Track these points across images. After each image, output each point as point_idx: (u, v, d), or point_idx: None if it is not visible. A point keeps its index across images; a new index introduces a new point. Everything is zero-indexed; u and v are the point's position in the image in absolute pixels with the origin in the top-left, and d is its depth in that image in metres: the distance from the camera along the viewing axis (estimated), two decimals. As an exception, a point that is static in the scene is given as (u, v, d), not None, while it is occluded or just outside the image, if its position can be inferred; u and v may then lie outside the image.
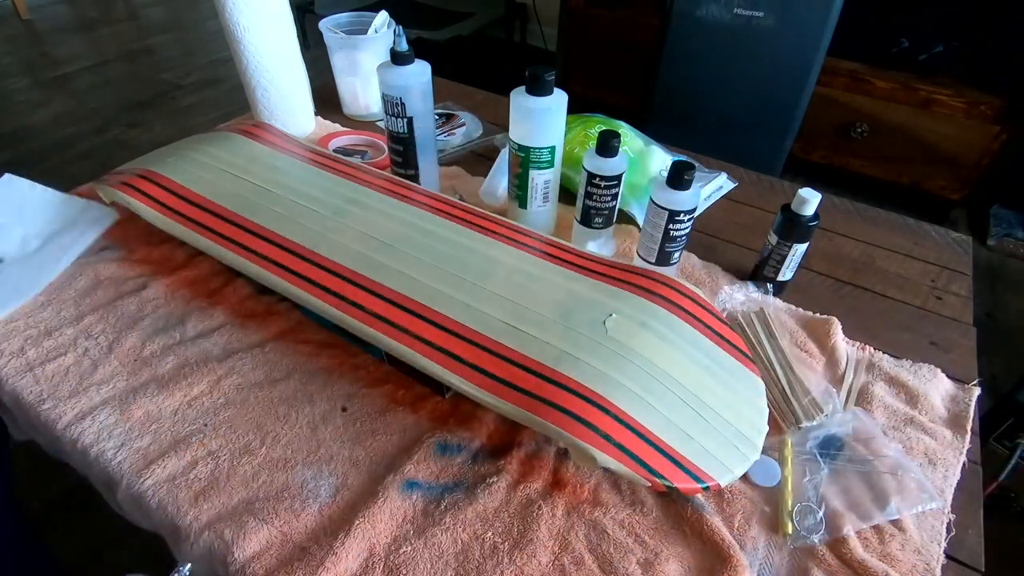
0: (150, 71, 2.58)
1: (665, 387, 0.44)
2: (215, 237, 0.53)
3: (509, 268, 0.52)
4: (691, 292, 0.53)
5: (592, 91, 2.13)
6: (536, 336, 0.46)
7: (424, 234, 0.55)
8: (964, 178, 1.70)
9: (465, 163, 0.82)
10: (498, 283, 0.50)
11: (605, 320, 0.47)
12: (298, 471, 0.45)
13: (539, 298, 0.49)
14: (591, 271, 0.53)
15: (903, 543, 0.42)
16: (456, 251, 0.53)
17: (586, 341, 0.46)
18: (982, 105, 1.59)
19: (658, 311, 0.49)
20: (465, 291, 0.49)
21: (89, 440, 0.46)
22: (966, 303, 0.64)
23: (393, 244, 0.53)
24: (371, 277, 0.50)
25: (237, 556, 0.40)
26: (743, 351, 0.51)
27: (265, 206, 0.55)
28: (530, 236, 0.57)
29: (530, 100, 0.58)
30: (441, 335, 0.46)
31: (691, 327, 0.49)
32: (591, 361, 0.44)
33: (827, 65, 1.12)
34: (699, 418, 0.43)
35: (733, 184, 0.81)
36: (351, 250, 0.52)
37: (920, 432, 0.50)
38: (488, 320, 0.47)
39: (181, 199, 0.56)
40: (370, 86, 0.88)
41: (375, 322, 0.47)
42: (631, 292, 0.50)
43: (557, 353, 0.45)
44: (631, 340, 0.46)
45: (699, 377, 0.46)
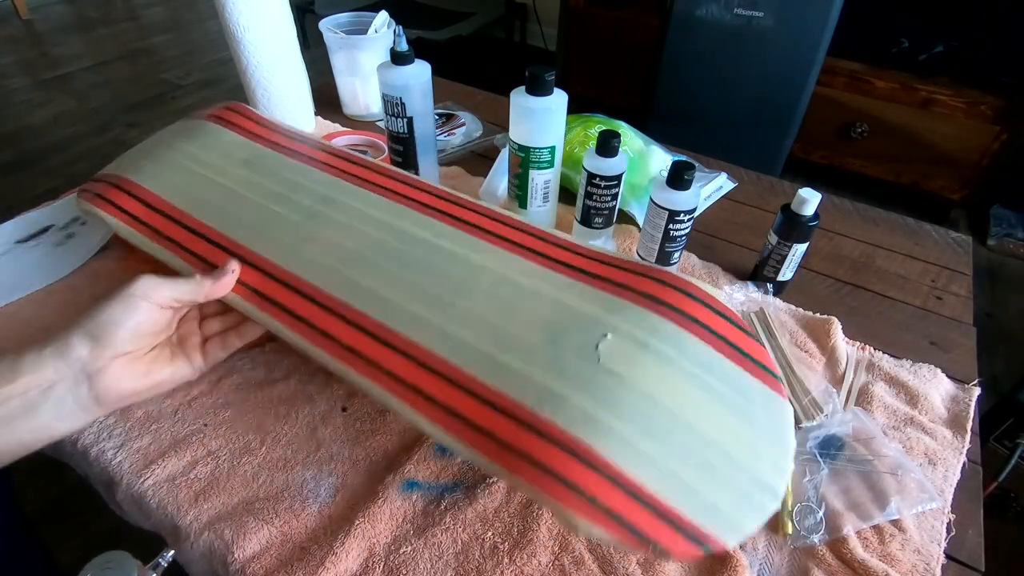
0: (150, 71, 2.58)
1: (667, 428, 0.37)
2: (187, 256, 0.49)
3: (494, 278, 0.45)
4: (704, 295, 0.44)
5: (592, 91, 2.13)
6: (518, 369, 0.39)
7: (402, 238, 0.49)
8: (964, 178, 1.70)
9: (465, 163, 0.82)
10: (480, 299, 0.44)
11: (598, 343, 0.40)
12: (298, 471, 0.45)
13: (525, 316, 0.42)
14: (588, 273, 0.46)
15: (903, 543, 0.42)
16: (436, 258, 0.47)
17: (574, 372, 0.38)
18: (982, 105, 1.59)
19: (663, 326, 0.41)
20: (442, 312, 0.43)
21: (89, 440, 0.46)
22: (966, 303, 0.64)
23: (367, 255, 0.47)
24: (341, 299, 0.44)
25: (237, 556, 0.40)
26: (767, 367, 0.42)
27: (237, 215, 0.51)
28: (521, 230, 0.50)
29: (530, 100, 0.58)
30: (414, 370, 0.40)
31: (703, 343, 0.41)
32: (579, 400, 0.37)
33: (827, 65, 1.12)
34: (707, 464, 0.36)
35: (733, 184, 0.81)
36: (322, 265, 0.47)
37: (920, 432, 0.50)
38: (466, 349, 0.40)
39: (154, 211, 0.52)
40: (370, 86, 0.88)
41: (344, 354, 0.41)
42: (632, 301, 0.43)
43: (540, 391, 0.38)
44: (628, 368, 0.39)
45: (710, 410, 0.38)
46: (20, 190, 1.85)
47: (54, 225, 0.66)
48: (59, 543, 0.98)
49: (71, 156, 2.03)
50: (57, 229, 0.65)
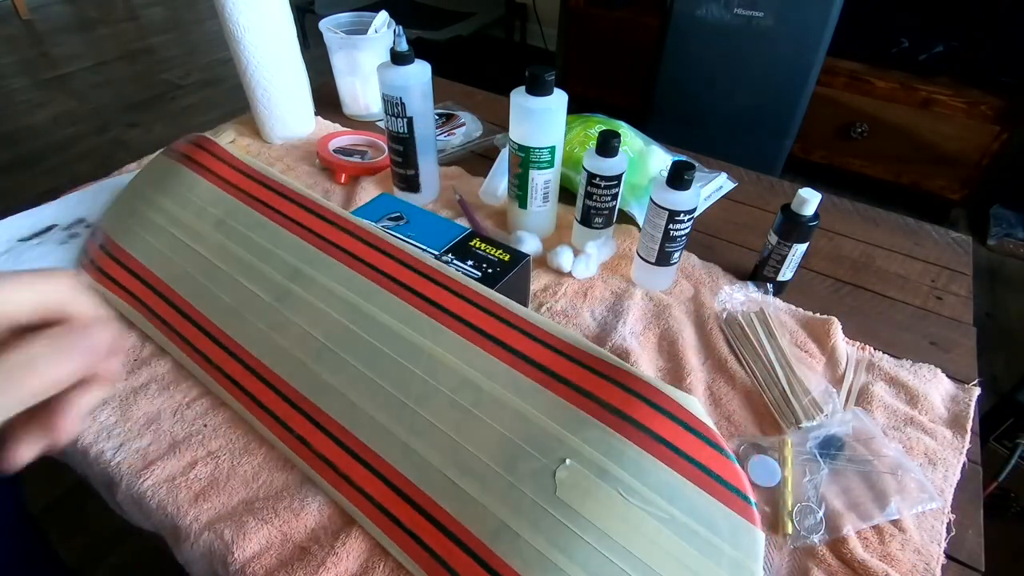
0: (150, 71, 2.58)
1: (622, 570, 0.36)
2: (172, 335, 0.52)
3: (456, 380, 0.44)
4: (676, 408, 0.41)
5: (592, 91, 2.13)
6: (476, 498, 0.40)
7: (366, 325, 0.48)
8: (964, 178, 1.70)
9: (465, 163, 0.82)
10: (441, 408, 0.44)
11: (556, 470, 0.39)
12: (297, 471, 0.45)
13: (484, 432, 0.42)
14: (555, 376, 0.44)
15: (903, 543, 0.42)
16: (400, 352, 0.47)
17: (529, 507, 0.39)
18: (982, 105, 1.59)
19: (624, 450, 0.40)
20: (405, 424, 0.44)
21: (88, 440, 0.46)
22: (966, 303, 0.64)
23: (334, 348, 0.48)
24: (313, 401, 0.46)
25: (237, 556, 0.40)
26: (739, 491, 0.39)
27: (213, 292, 0.53)
28: (491, 312, 0.48)
29: (530, 100, 0.58)
30: (383, 491, 0.42)
31: (668, 469, 0.39)
32: (532, 539, 0.38)
33: (827, 65, 1.12)
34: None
35: (733, 184, 0.81)
36: (293, 360, 0.48)
37: (920, 432, 0.50)
38: (427, 469, 0.42)
39: (142, 283, 0.55)
40: (370, 86, 0.88)
41: (320, 465, 0.44)
42: (596, 417, 0.41)
43: (496, 525, 0.39)
44: (582, 501, 0.38)
45: (668, 547, 0.37)
46: (20, 190, 1.85)
47: (57, 225, 0.66)
48: (62, 542, 0.99)
49: (71, 156, 2.03)
50: (60, 229, 0.65)
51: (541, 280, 0.63)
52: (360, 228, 0.54)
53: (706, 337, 0.58)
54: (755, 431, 0.50)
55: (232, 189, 0.60)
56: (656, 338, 0.57)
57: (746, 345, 0.56)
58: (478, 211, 0.72)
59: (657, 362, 0.55)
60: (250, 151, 0.82)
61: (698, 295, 0.62)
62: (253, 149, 0.83)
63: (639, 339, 0.57)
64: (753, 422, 0.50)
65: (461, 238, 0.57)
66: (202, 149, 0.64)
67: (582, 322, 0.58)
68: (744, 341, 0.56)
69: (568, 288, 0.62)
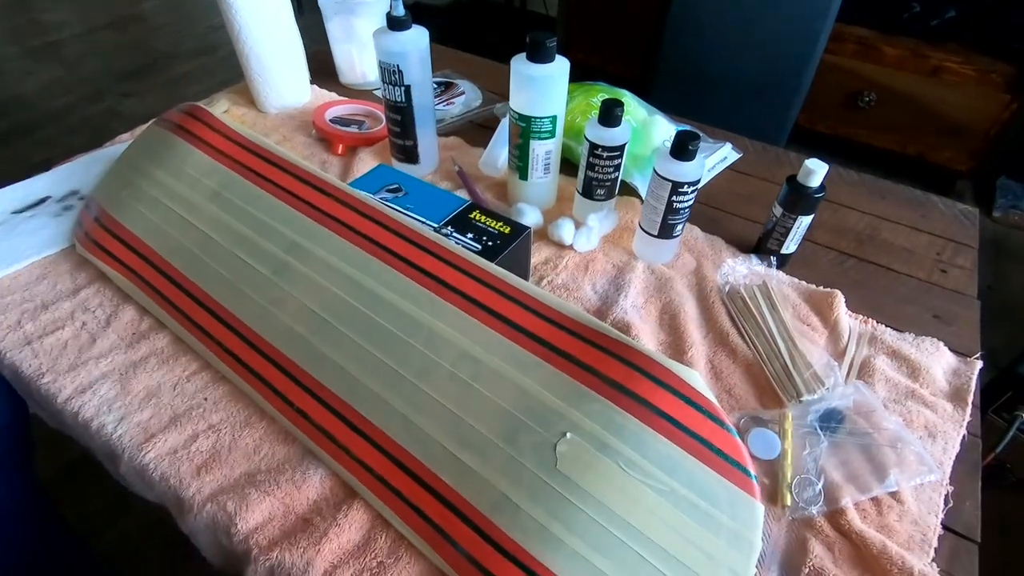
0: (142, 39, 2.52)
1: (621, 541, 0.37)
2: (170, 309, 0.52)
3: (455, 353, 0.44)
4: (677, 382, 0.41)
5: (594, 59, 2.09)
6: (476, 470, 0.40)
7: (366, 300, 0.48)
8: (971, 149, 1.68)
9: (464, 133, 0.81)
10: (441, 382, 0.43)
11: (557, 444, 0.39)
12: (298, 444, 0.45)
13: (484, 405, 0.42)
14: (555, 349, 0.43)
15: (900, 514, 0.43)
16: (399, 326, 0.46)
17: (530, 479, 0.39)
18: (993, 73, 1.56)
19: (625, 424, 0.40)
20: (405, 397, 0.44)
21: (89, 414, 0.46)
22: (971, 276, 0.63)
23: (333, 322, 0.47)
24: (313, 375, 0.46)
25: (240, 527, 0.40)
26: (739, 463, 0.40)
27: (210, 265, 0.52)
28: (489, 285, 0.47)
29: (531, 67, 0.56)
30: (384, 463, 0.42)
31: (669, 442, 0.39)
32: (532, 511, 0.38)
33: (835, 31, 1.09)
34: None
35: (738, 155, 0.79)
36: (292, 333, 0.48)
37: (921, 405, 0.50)
38: (427, 442, 0.42)
39: (139, 256, 0.55)
40: (367, 53, 0.86)
41: (320, 438, 0.44)
42: (597, 391, 0.41)
43: (496, 498, 0.39)
44: (583, 474, 0.38)
45: (668, 519, 0.37)
46: (14, 161, 1.83)
47: (51, 196, 0.65)
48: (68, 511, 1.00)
49: (65, 127, 2.00)
50: (54, 201, 0.64)
51: (542, 253, 0.62)
52: (358, 200, 0.53)
53: (708, 311, 0.57)
54: (756, 404, 0.50)
55: (227, 160, 0.58)
56: (658, 311, 0.57)
57: (748, 319, 0.56)
58: (478, 182, 0.71)
59: (658, 335, 0.55)
60: (245, 121, 0.81)
61: (700, 268, 0.62)
62: (248, 119, 0.81)
63: (640, 312, 0.56)
64: (754, 395, 0.50)
65: (461, 210, 0.56)
66: (195, 119, 0.62)
67: (583, 295, 0.58)
68: (746, 315, 0.56)
69: (569, 261, 0.61)
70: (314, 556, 0.39)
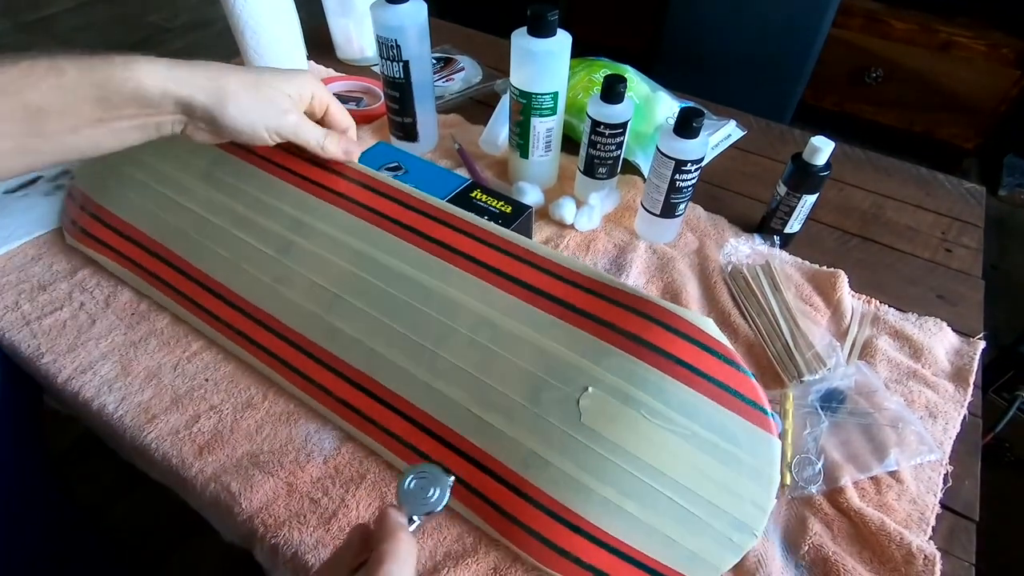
0: (135, 13, 2.47)
1: (648, 485, 0.38)
2: (171, 292, 0.51)
3: (472, 320, 0.44)
4: (692, 329, 0.42)
5: (596, 34, 2.05)
6: (503, 430, 0.41)
7: (377, 272, 0.47)
8: (979, 126, 1.65)
9: (464, 110, 0.79)
10: (460, 347, 0.43)
11: (579, 398, 0.40)
12: (301, 425, 0.45)
13: (505, 367, 0.42)
14: (571, 307, 0.43)
15: (899, 493, 0.43)
16: (414, 296, 0.46)
17: (558, 435, 0.40)
18: (1004, 48, 1.53)
19: (645, 374, 0.40)
20: (424, 364, 0.44)
21: (90, 394, 0.46)
22: (976, 256, 0.63)
23: (345, 296, 0.47)
24: (328, 349, 0.46)
25: (244, 507, 0.40)
26: (756, 403, 0.40)
27: (209, 247, 0.51)
28: (498, 248, 0.47)
29: (532, 42, 0.55)
30: (407, 428, 0.43)
31: (687, 388, 0.40)
32: (562, 464, 0.39)
33: (843, 4, 1.06)
34: (688, 515, 0.38)
35: (742, 132, 0.78)
36: (303, 311, 0.47)
37: (922, 385, 0.49)
38: (452, 407, 0.42)
39: (131, 241, 0.54)
40: (364, 27, 0.84)
41: (338, 407, 0.44)
42: (615, 344, 0.41)
43: (525, 454, 0.40)
44: (607, 426, 0.39)
45: (692, 461, 0.39)
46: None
47: (43, 176, 0.64)
48: (80, 483, 1.02)
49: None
50: (46, 180, 0.64)
51: (543, 233, 0.62)
52: (360, 173, 0.52)
53: (710, 291, 0.57)
54: (757, 384, 0.50)
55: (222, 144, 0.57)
56: (659, 291, 0.57)
57: (750, 299, 0.55)
58: (478, 161, 0.70)
59: (660, 316, 0.54)
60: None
61: (703, 248, 0.61)
62: (244, 96, 0.80)
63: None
64: (755, 375, 0.50)
65: (462, 189, 0.55)
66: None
67: (584, 275, 0.58)
68: (748, 295, 0.56)
69: (570, 241, 0.61)
70: (323, 535, 0.39)
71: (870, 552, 0.40)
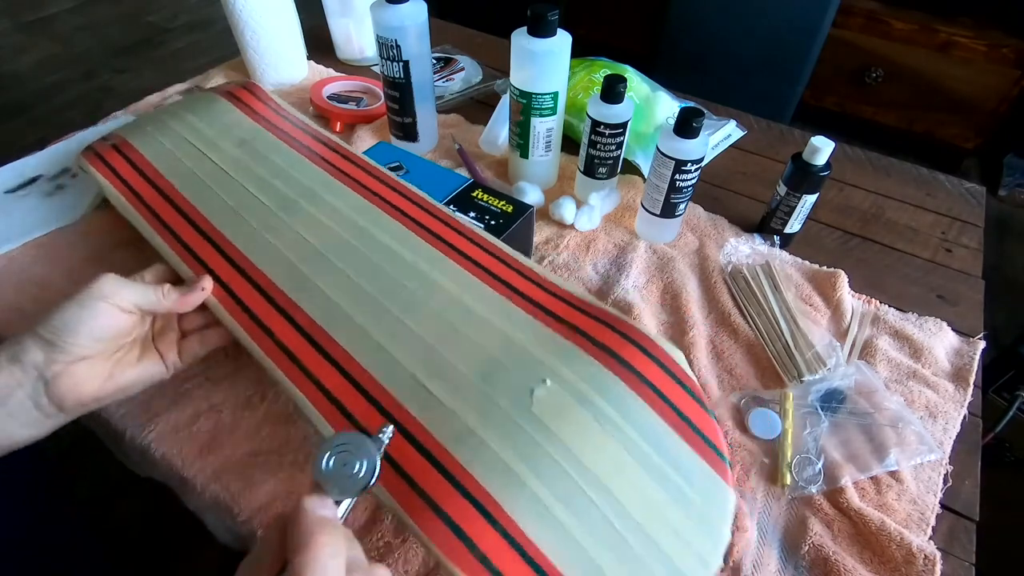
0: (135, 13, 2.47)
1: (587, 497, 0.34)
2: (160, 227, 0.49)
3: (447, 299, 0.43)
4: (666, 358, 0.41)
5: (596, 34, 2.05)
6: (443, 401, 0.37)
7: (366, 243, 0.47)
8: (979, 126, 1.65)
9: (464, 110, 0.79)
10: (426, 319, 0.42)
11: (535, 388, 0.38)
12: (300, 425, 0.45)
13: (466, 346, 0.40)
14: (549, 312, 0.43)
15: (900, 493, 0.43)
16: (396, 269, 0.45)
17: (501, 417, 0.36)
18: (1004, 48, 1.53)
19: (609, 383, 0.38)
20: (385, 327, 0.41)
21: (91, 394, 0.46)
22: (976, 256, 0.63)
23: (327, 255, 0.46)
24: (287, 293, 0.44)
25: (243, 508, 0.40)
26: (716, 448, 0.38)
27: (215, 192, 0.51)
28: (494, 255, 0.47)
29: (532, 42, 0.55)
30: (341, 383, 0.39)
31: (651, 410, 0.38)
32: (498, 448, 0.35)
33: (843, 4, 1.06)
34: (622, 545, 0.33)
35: (742, 132, 0.78)
36: (282, 259, 0.46)
37: (922, 385, 0.49)
38: (395, 369, 0.39)
39: (143, 177, 0.53)
40: (364, 27, 0.84)
41: (274, 349, 0.41)
42: (585, 349, 0.40)
43: (459, 429, 0.36)
44: (558, 422, 0.36)
45: (641, 485, 0.35)
46: (7, 140, 1.81)
47: (43, 175, 0.64)
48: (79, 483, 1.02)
49: (58, 104, 1.97)
50: (46, 180, 0.64)
51: (543, 232, 0.62)
52: (374, 167, 0.54)
53: (710, 291, 0.57)
54: (757, 385, 0.50)
55: (265, 123, 0.59)
56: (659, 292, 0.57)
57: (750, 299, 0.55)
58: (478, 161, 0.70)
59: (660, 316, 0.54)
60: (241, 98, 0.79)
61: (703, 248, 0.61)
62: (244, 96, 0.80)
63: (642, 292, 0.56)
64: (755, 376, 0.50)
65: (463, 189, 0.55)
66: (247, 91, 0.64)
67: (584, 275, 0.58)
68: (748, 295, 0.56)
69: (570, 241, 0.61)
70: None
71: (870, 552, 0.40)
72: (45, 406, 0.37)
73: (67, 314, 0.37)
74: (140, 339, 0.42)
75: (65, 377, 0.37)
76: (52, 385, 0.37)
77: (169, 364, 0.43)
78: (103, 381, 0.39)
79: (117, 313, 0.39)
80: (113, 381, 0.40)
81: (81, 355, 0.38)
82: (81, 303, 0.38)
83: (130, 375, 0.40)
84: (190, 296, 0.42)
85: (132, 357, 0.41)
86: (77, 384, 0.38)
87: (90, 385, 0.38)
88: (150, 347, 0.42)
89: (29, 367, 0.36)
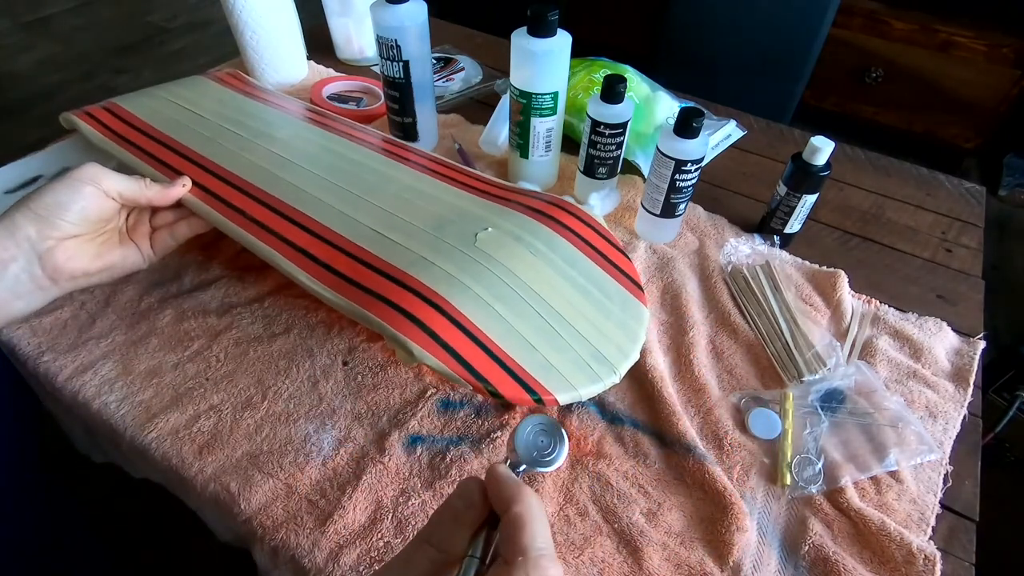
0: (135, 13, 2.47)
1: (520, 298, 0.43)
2: (147, 158, 0.53)
3: (402, 185, 0.52)
4: (590, 219, 0.52)
5: (596, 34, 2.05)
6: (399, 243, 0.46)
7: (334, 156, 0.56)
8: (979, 126, 1.65)
9: (464, 110, 0.79)
10: (384, 197, 0.50)
11: (478, 232, 0.46)
12: (300, 425, 0.45)
13: (419, 212, 0.49)
14: (488, 193, 0.52)
15: (900, 493, 0.43)
16: (357, 169, 0.54)
17: (448, 249, 0.45)
18: (1004, 48, 1.52)
19: (541, 230, 0.48)
20: (348, 203, 0.49)
21: (90, 393, 0.46)
22: (976, 256, 0.63)
23: (298, 162, 0.54)
24: (259, 185, 0.50)
25: (243, 508, 0.40)
26: (635, 281, 0.49)
27: (198, 131, 0.57)
28: (446, 164, 0.57)
29: (532, 42, 0.55)
30: (307, 238, 0.46)
31: (575, 248, 0.48)
32: (445, 266, 0.43)
33: (843, 4, 1.06)
34: (552, 332, 0.42)
35: (742, 132, 0.78)
36: (257, 168, 0.53)
37: (922, 385, 0.49)
38: (358, 228, 0.47)
39: (131, 127, 0.57)
40: (364, 27, 0.84)
41: (250, 226, 0.47)
42: (521, 212, 0.50)
43: (413, 258, 0.44)
44: (498, 252, 0.45)
45: (565, 294, 0.44)
46: (7, 141, 1.81)
47: (43, 175, 0.64)
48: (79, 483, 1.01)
49: (58, 104, 1.96)
50: (46, 179, 0.64)
51: (543, 232, 0.62)
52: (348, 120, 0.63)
53: (710, 291, 0.57)
54: (757, 385, 0.50)
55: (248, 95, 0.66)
56: (659, 291, 0.57)
57: (750, 299, 0.55)
58: (478, 161, 0.70)
59: (660, 315, 0.54)
60: (241, 98, 0.79)
61: (703, 248, 0.61)
62: (244, 96, 0.80)
63: (642, 293, 0.56)
64: (755, 375, 0.50)
65: (461, 189, 0.56)
66: (233, 76, 0.70)
67: (585, 275, 0.58)
68: (748, 295, 0.56)
69: (571, 241, 0.61)
70: (319, 537, 0.39)
71: (870, 552, 0.40)
72: (39, 278, 0.41)
73: (59, 194, 0.41)
74: (117, 230, 0.47)
75: (58, 252, 0.41)
76: (45, 259, 0.41)
77: (144, 255, 0.47)
78: (91, 259, 0.44)
79: (102, 197, 0.43)
80: (100, 260, 0.44)
81: (70, 232, 0.42)
82: (70, 185, 0.42)
83: (114, 256, 0.45)
84: (171, 190, 0.47)
85: (113, 243, 0.46)
86: (69, 259, 0.42)
87: (79, 261, 0.43)
88: (126, 238, 0.47)
89: (23, 241, 0.40)
